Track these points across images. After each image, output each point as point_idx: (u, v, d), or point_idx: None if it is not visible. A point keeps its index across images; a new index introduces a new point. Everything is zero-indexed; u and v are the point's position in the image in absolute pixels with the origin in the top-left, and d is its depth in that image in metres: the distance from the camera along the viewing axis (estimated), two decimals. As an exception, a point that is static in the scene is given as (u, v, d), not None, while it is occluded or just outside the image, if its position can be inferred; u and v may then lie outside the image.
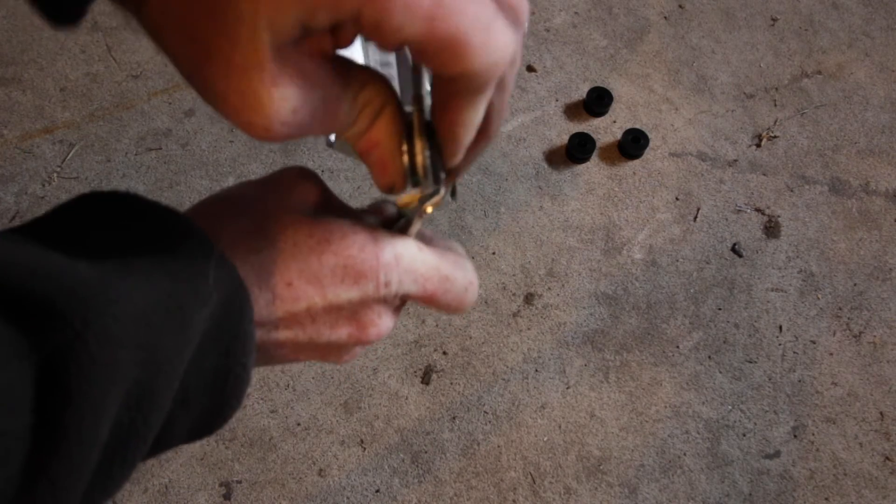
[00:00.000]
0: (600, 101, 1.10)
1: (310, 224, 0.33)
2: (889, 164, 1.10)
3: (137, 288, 0.26)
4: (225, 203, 0.34)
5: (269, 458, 0.88)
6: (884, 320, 0.99)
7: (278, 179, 0.36)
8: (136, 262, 0.27)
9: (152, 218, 0.30)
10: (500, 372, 0.94)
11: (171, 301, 0.27)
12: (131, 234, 0.29)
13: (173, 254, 0.29)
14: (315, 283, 0.33)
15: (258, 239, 0.33)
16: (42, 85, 1.10)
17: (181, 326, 0.27)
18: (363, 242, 0.33)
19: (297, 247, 0.33)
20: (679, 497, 0.89)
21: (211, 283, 0.29)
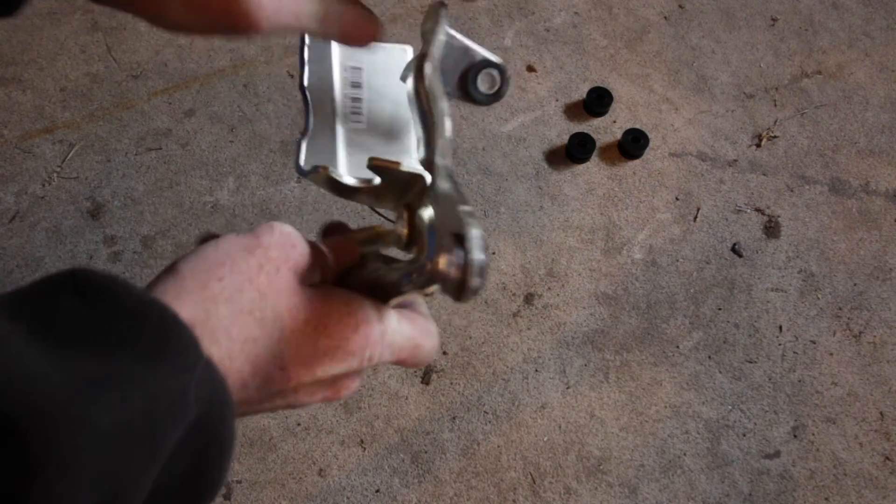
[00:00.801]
0: (600, 101, 1.10)
1: (306, 307, 0.34)
2: (889, 164, 1.10)
3: (109, 409, 0.25)
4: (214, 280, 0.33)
5: (269, 458, 0.88)
6: (884, 320, 0.99)
7: (267, 249, 0.35)
8: (115, 370, 0.27)
9: (140, 314, 0.29)
10: (500, 372, 0.94)
11: (144, 422, 0.26)
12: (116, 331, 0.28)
13: (156, 361, 0.28)
14: (307, 365, 0.34)
15: (253, 327, 0.33)
16: (42, 85, 1.10)
17: (152, 447, 0.27)
18: (357, 323, 0.35)
19: (293, 333, 0.34)
20: (679, 497, 0.89)
21: (191, 398, 0.28)
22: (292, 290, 0.34)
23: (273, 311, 0.33)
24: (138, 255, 0.99)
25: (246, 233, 0.36)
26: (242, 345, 0.33)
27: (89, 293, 0.28)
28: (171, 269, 0.34)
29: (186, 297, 0.32)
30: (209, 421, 0.30)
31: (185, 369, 0.28)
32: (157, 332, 0.28)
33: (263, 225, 0.36)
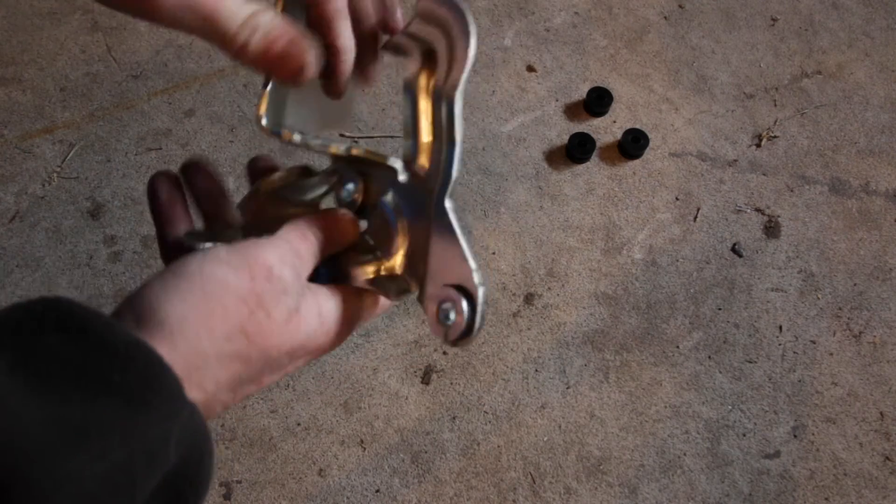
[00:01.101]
0: (600, 101, 1.10)
1: (290, 339, 0.35)
2: (889, 164, 1.10)
3: (91, 462, 0.25)
4: (205, 332, 0.32)
5: (269, 458, 0.88)
6: (884, 320, 0.99)
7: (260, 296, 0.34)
8: (98, 416, 0.26)
9: (125, 357, 0.28)
10: (500, 372, 0.94)
11: (124, 474, 0.26)
12: (99, 373, 0.27)
13: (140, 408, 0.27)
14: (282, 373, 0.36)
15: (239, 368, 0.33)
16: (42, 85, 1.10)
17: (129, 498, 0.27)
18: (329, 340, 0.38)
19: (275, 361, 0.35)
20: (679, 497, 0.89)
21: (172, 447, 0.28)
22: (279, 328, 0.34)
23: (260, 351, 0.34)
24: (138, 255, 0.99)
25: (239, 267, 0.34)
26: (227, 383, 0.33)
27: (72, 330, 0.28)
28: (154, 313, 0.32)
29: (177, 356, 0.31)
30: (189, 466, 0.30)
31: (168, 417, 0.28)
32: (142, 377, 0.28)
33: (262, 266, 0.34)
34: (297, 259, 0.36)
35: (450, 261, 0.37)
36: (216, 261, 0.33)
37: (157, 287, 0.32)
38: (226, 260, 0.34)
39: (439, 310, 0.37)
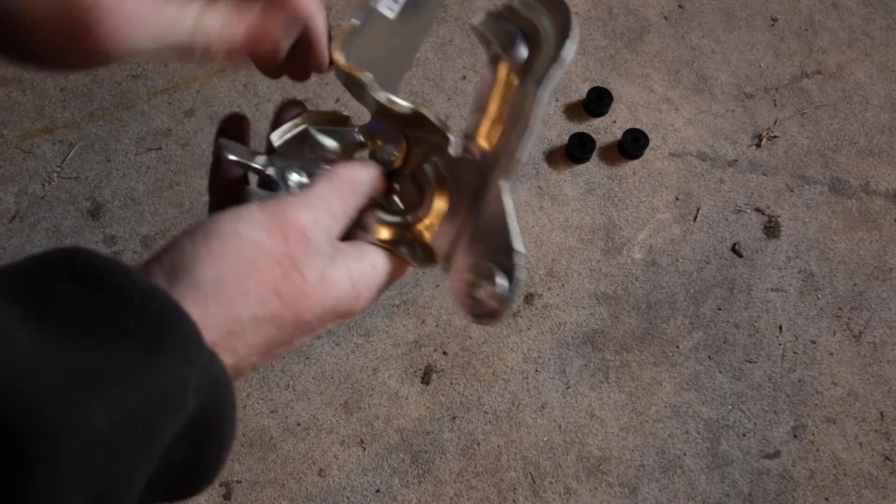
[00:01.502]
0: (600, 101, 1.10)
1: (322, 302, 0.35)
2: (889, 164, 1.10)
3: (104, 406, 0.25)
4: (240, 296, 0.32)
5: (269, 458, 0.88)
6: (884, 320, 0.99)
7: (295, 258, 0.34)
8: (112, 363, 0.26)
9: (140, 304, 0.28)
10: (500, 372, 0.94)
11: (140, 419, 0.26)
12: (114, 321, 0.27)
13: (155, 354, 0.27)
14: (310, 335, 0.36)
15: (272, 331, 0.33)
16: (42, 85, 1.10)
17: (147, 444, 0.27)
18: (360, 301, 0.37)
19: (308, 324, 0.35)
20: (679, 497, 0.89)
21: (190, 393, 0.28)
22: (312, 289, 0.34)
23: (293, 313, 0.34)
24: (138, 255, 0.99)
25: (272, 228, 0.33)
26: (259, 346, 0.33)
27: (87, 280, 0.27)
28: (187, 274, 0.31)
29: (210, 320, 0.31)
30: (209, 414, 0.30)
31: (185, 363, 0.28)
32: (157, 324, 0.27)
33: (296, 227, 0.34)
34: (331, 219, 0.36)
35: (494, 239, 0.37)
36: (251, 222, 0.33)
37: (188, 246, 0.32)
38: (260, 221, 0.33)
39: (471, 284, 0.37)
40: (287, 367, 0.93)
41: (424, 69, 1.13)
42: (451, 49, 1.15)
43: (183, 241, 0.32)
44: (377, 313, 0.97)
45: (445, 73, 1.13)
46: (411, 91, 1.11)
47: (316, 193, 0.36)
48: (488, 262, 0.37)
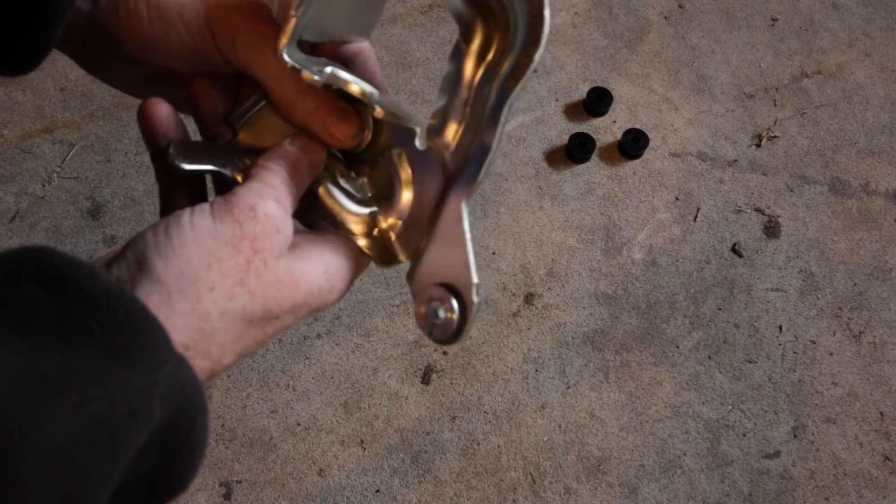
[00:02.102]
0: (600, 101, 1.10)
1: (292, 293, 0.34)
2: (889, 164, 1.10)
3: (64, 417, 0.24)
4: (206, 291, 0.31)
5: (269, 458, 0.89)
6: (884, 320, 0.99)
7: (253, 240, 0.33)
8: (74, 370, 0.25)
9: (105, 308, 0.27)
10: (500, 372, 0.94)
11: (102, 430, 0.25)
12: (77, 325, 0.26)
13: (119, 361, 0.26)
14: (280, 329, 0.35)
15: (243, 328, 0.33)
16: (42, 85, 1.10)
17: (110, 455, 0.25)
18: (332, 292, 0.36)
19: (279, 319, 0.34)
20: (679, 497, 0.89)
21: (157, 401, 0.27)
22: (279, 280, 0.34)
23: (263, 307, 0.33)
24: (138, 255, 0.99)
25: (223, 215, 0.33)
26: (231, 345, 0.33)
27: (52, 281, 0.26)
28: (147, 273, 0.30)
29: (178, 319, 0.30)
30: (179, 423, 0.29)
31: (152, 369, 0.27)
32: (123, 329, 0.26)
33: (244, 207, 0.33)
34: (273, 190, 0.35)
35: (452, 262, 0.36)
36: (201, 213, 0.33)
37: (151, 240, 0.31)
38: (209, 211, 0.33)
39: (428, 303, 0.37)
40: (287, 367, 0.93)
41: (424, 69, 1.13)
42: (451, 49, 1.15)
43: (146, 235, 0.32)
44: (377, 313, 0.97)
45: (445, 73, 1.13)
46: (411, 91, 1.11)
47: (251, 175, 0.36)
48: (444, 288, 0.36)
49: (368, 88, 0.38)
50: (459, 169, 0.37)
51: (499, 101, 0.35)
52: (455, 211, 0.36)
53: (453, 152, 0.37)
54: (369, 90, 0.38)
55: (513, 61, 0.35)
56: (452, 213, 0.36)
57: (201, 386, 0.30)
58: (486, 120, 0.36)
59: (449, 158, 0.37)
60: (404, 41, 1.15)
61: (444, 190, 0.37)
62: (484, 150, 0.36)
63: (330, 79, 0.36)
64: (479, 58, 0.36)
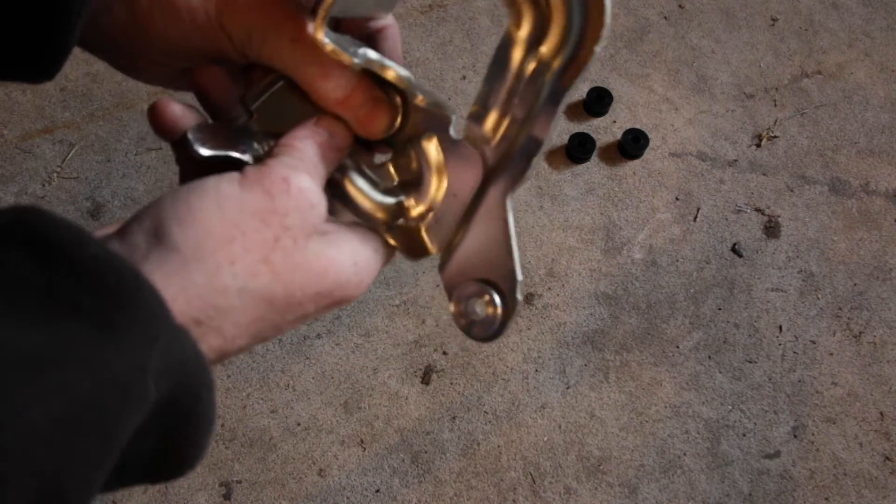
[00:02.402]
0: (600, 101, 1.10)
1: (317, 279, 0.32)
2: (889, 164, 1.10)
3: (46, 398, 0.22)
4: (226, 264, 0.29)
5: (269, 458, 0.89)
6: (884, 320, 0.99)
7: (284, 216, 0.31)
8: (59, 344, 0.23)
9: (95, 275, 0.24)
10: (500, 372, 0.94)
11: (90, 411, 0.23)
12: (64, 294, 0.24)
13: (109, 334, 0.24)
14: (301, 319, 0.33)
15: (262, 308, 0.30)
16: (42, 85, 1.10)
17: (100, 438, 0.23)
18: (360, 284, 0.34)
19: (300, 304, 0.32)
20: (679, 497, 0.89)
21: (150, 379, 0.25)
22: (307, 262, 0.31)
23: (285, 289, 0.30)
24: (138, 255, 0.99)
25: (253, 184, 0.30)
26: (248, 326, 0.30)
27: (39, 245, 0.24)
28: (164, 240, 0.28)
29: (193, 290, 0.27)
30: (180, 400, 0.26)
31: (144, 343, 0.24)
32: (113, 298, 0.24)
33: (276, 178, 0.30)
34: (306, 163, 0.33)
35: (493, 258, 0.35)
36: (230, 180, 0.30)
37: (169, 205, 0.29)
38: (240, 180, 0.30)
39: (466, 300, 0.35)
40: (287, 367, 0.93)
41: (424, 69, 1.13)
42: (451, 49, 1.15)
43: (164, 199, 0.29)
44: (377, 313, 0.97)
45: (445, 73, 1.13)
46: (411, 91, 1.11)
47: (282, 146, 0.34)
48: (483, 283, 0.35)
49: (404, 73, 0.36)
50: (503, 162, 0.35)
51: (553, 94, 0.33)
52: (498, 206, 0.35)
53: (495, 145, 0.35)
54: (405, 74, 0.36)
55: (569, 52, 0.33)
56: (495, 208, 0.35)
57: (205, 360, 0.27)
58: (538, 113, 0.33)
59: (489, 150, 0.36)
60: (404, 41, 1.15)
61: (484, 183, 0.35)
62: (534, 145, 0.34)
63: (367, 63, 0.34)
64: (531, 46, 0.34)
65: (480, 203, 0.35)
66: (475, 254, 0.35)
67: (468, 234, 0.36)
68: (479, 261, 0.35)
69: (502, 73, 0.35)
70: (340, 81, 0.34)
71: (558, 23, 0.33)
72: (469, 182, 0.36)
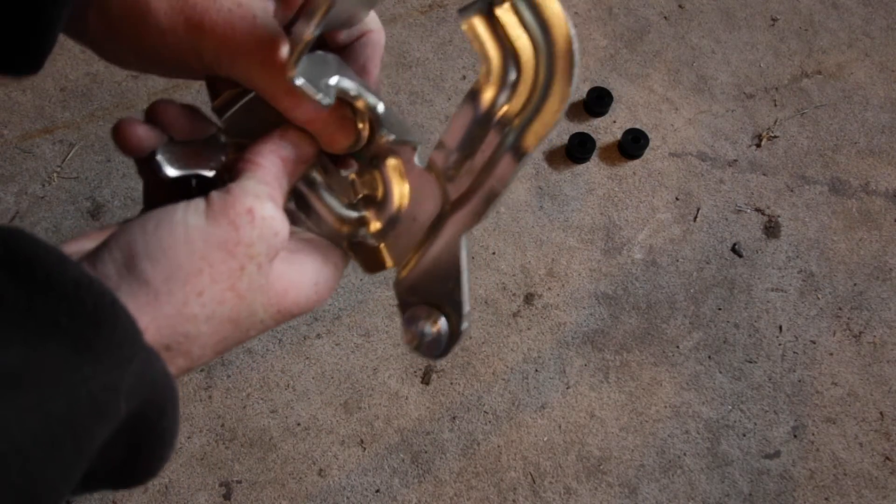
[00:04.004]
0: (600, 101, 1.10)
1: (279, 298, 0.33)
2: (889, 164, 1.10)
3: (24, 414, 0.23)
4: (194, 296, 0.30)
5: (269, 458, 0.89)
6: (884, 320, 0.99)
7: (249, 246, 0.31)
8: (37, 363, 0.24)
9: (73, 298, 0.26)
10: (500, 372, 0.94)
11: (64, 427, 0.24)
12: (43, 315, 0.25)
13: (85, 354, 0.25)
14: (263, 330, 0.34)
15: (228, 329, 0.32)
16: (42, 85, 1.10)
17: (73, 452, 0.25)
18: (318, 299, 0.36)
19: (262, 322, 0.33)
20: (679, 497, 0.89)
21: (123, 398, 0.26)
22: (270, 285, 0.33)
23: (250, 310, 0.32)
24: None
25: (218, 216, 0.31)
26: (213, 346, 0.32)
27: (20, 266, 0.25)
28: (134, 272, 0.29)
29: (163, 320, 0.29)
30: (147, 415, 0.28)
31: (118, 364, 0.26)
32: (91, 320, 0.25)
33: (241, 209, 0.31)
34: (270, 187, 0.34)
35: (445, 287, 0.36)
36: (196, 212, 0.31)
37: (139, 238, 0.30)
38: (206, 212, 0.31)
39: (416, 320, 0.36)
40: (287, 367, 0.93)
41: (424, 69, 1.13)
42: (451, 49, 1.15)
43: (133, 230, 0.30)
44: (377, 313, 0.97)
45: (445, 73, 1.13)
46: (411, 91, 1.11)
47: (247, 170, 0.34)
48: (433, 308, 0.36)
49: (374, 101, 0.36)
50: (463, 199, 0.36)
51: (515, 150, 0.33)
52: (453, 240, 0.36)
53: (456, 181, 0.36)
54: (373, 102, 0.36)
55: (535, 107, 0.33)
56: (450, 242, 0.36)
57: (172, 379, 0.29)
58: (499, 165, 0.34)
59: (450, 185, 0.36)
60: (404, 41, 1.15)
61: (442, 214, 0.36)
62: (492, 194, 0.34)
63: (339, 95, 0.35)
64: (498, 100, 0.34)
65: (438, 233, 0.36)
66: (428, 278, 0.37)
67: (424, 259, 0.37)
68: (431, 285, 0.36)
69: (469, 117, 0.35)
70: (308, 108, 0.35)
71: (526, 84, 0.33)
72: (428, 209, 0.37)
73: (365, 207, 0.39)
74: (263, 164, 0.34)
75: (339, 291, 0.97)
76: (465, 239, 0.36)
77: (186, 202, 0.31)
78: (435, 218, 0.37)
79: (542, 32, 0.32)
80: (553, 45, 0.32)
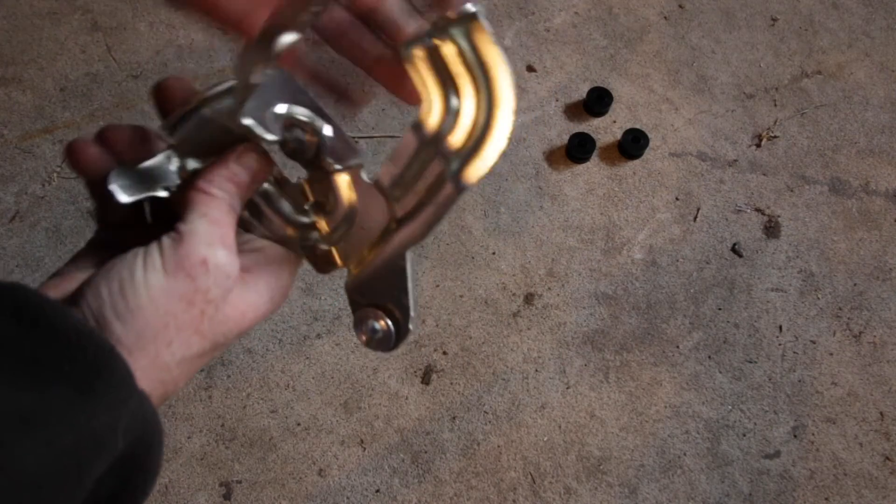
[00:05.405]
0: (600, 101, 1.10)
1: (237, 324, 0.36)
2: (889, 164, 1.10)
3: (36, 450, 0.26)
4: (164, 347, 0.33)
5: (269, 458, 0.89)
6: (884, 320, 0.99)
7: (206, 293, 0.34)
8: (46, 404, 0.27)
9: (76, 345, 0.29)
10: (500, 372, 0.94)
11: (71, 462, 0.27)
12: (50, 361, 0.28)
13: (89, 396, 0.28)
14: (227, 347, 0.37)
15: (196, 362, 0.35)
16: (42, 85, 1.10)
17: (76, 484, 0.28)
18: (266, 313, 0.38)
19: (224, 344, 0.36)
20: (679, 497, 0.89)
21: (120, 434, 0.29)
22: (229, 318, 0.35)
23: (214, 342, 0.35)
24: (138, 255, 0.99)
25: (176, 270, 0.33)
26: (185, 378, 0.35)
27: (26, 317, 0.28)
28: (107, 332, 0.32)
29: (139, 372, 0.32)
30: (137, 453, 0.31)
31: (117, 405, 0.29)
32: (92, 366, 0.29)
33: (196, 262, 0.33)
34: (219, 230, 0.35)
35: (393, 293, 0.38)
36: (153, 269, 0.33)
37: (106, 296, 0.32)
38: (161, 265, 0.33)
39: (367, 319, 0.39)
40: (287, 367, 0.93)
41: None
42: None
43: (101, 291, 0.32)
44: (377, 313, 0.96)
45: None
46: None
47: (199, 206, 0.35)
48: (383, 308, 0.38)
49: (318, 125, 0.38)
50: (406, 218, 0.36)
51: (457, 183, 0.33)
52: (399, 254, 0.37)
53: (400, 202, 0.36)
54: (319, 126, 0.38)
55: (474, 144, 0.33)
56: (397, 254, 0.37)
57: (159, 418, 0.33)
58: (441, 193, 0.34)
59: (396, 205, 0.37)
60: (404, 41, 1.15)
61: (390, 226, 0.37)
62: (434, 219, 0.35)
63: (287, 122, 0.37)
64: (442, 128, 0.34)
65: (386, 243, 0.37)
66: (378, 283, 0.38)
67: (373, 265, 0.38)
68: (380, 290, 0.38)
69: (413, 146, 0.35)
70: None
71: (466, 120, 0.33)
72: (377, 221, 0.38)
73: (315, 213, 0.40)
74: (216, 195, 0.36)
75: (340, 292, 0.97)
76: (410, 253, 0.37)
77: (143, 257, 0.33)
78: (383, 228, 0.38)
79: (481, 73, 0.33)
80: (491, 90, 0.32)
